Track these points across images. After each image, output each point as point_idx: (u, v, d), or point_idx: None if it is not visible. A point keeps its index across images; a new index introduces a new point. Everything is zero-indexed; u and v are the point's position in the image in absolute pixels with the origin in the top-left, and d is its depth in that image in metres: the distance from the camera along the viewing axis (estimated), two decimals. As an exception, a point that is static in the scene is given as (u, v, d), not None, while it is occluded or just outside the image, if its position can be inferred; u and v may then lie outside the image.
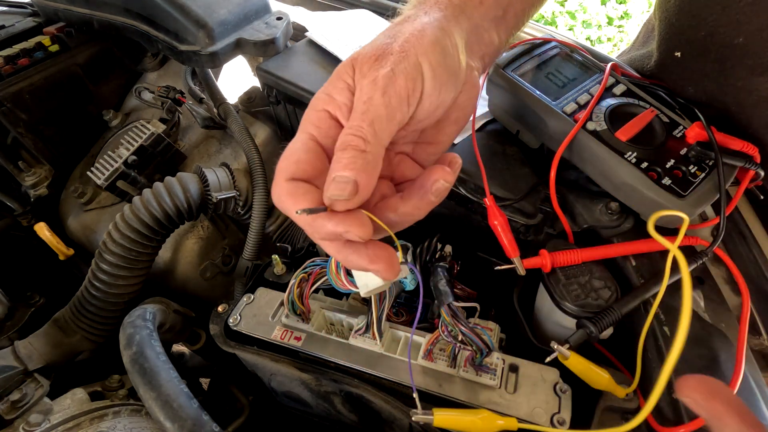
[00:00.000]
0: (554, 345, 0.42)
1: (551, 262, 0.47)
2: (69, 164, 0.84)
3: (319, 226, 0.32)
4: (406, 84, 0.33)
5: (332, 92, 0.35)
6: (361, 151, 0.32)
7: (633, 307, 0.45)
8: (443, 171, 0.36)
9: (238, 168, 0.71)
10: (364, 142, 0.32)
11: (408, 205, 0.36)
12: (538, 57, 0.57)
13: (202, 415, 0.45)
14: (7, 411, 0.50)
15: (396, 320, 0.53)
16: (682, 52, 0.53)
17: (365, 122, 0.32)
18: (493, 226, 0.50)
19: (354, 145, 0.32)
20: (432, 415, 0.41)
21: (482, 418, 0.41)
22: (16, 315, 0.65)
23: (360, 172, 0.31)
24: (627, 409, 0.43)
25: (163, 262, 0.73)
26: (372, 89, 0.33)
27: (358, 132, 0.32)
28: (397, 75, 0.33)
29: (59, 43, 0.78)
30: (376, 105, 0.33)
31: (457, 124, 0.41)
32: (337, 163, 0.32)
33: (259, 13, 0.73)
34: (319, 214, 0.32)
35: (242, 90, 0.80)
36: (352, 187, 0.31)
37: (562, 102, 0.52)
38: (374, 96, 0.33)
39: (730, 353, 0.43)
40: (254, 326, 0.52)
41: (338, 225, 0.32)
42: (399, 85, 0.33)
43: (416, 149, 0.41)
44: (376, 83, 0.33)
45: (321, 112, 0.35)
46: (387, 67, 0.33)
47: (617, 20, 3.63)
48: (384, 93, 0.33)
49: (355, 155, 0.32)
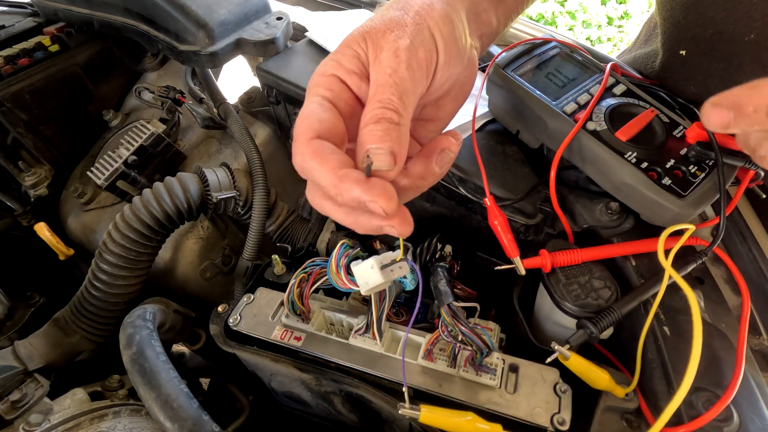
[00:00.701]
0: (554, 345, 0.42)
1: (551, 262, 0.48)
2: (69, 164, 0.84)
3: (345, 189, 0.31)
4: (425, 56, 0.34)
5: (341, 59, 0.35)
6: (396, 123, 0.32)
7: (633, 307, 0.45)
8: (449, 141, 0.36)
9: (238, 168, 0.71)
10: (398, 114, 0.32)
11: (412, 176, 0.36)
12: (538, 57, 0.57)
13: (202, 415, 0.45)
14: (7, 411, 0.50)
15: (396, 320, 0.53)
16: (687, 50, 0.53)
17: (395, 95, 0.32)
18: (493, 226, 0.50)
19: (388, 117, 0.32)
20: (419, 410, 0.41)
21: (467, 420, 0.41)
22: (16, 315, 0.65)
23: (395, 143, 0.32)
24: (627, 409, 0.43)
25: (163, 262, 0.73)
26: (395, 62, 0.33)
27: (389, 105, 0.32)
28: (417, 47, 0.33)
29: (59, 43, 0.78)
30: (402, 78, 0.33)
31: (456, 101, 0.41)
32: (371, 135, 0.32)
33: (259, 13, 0.73)
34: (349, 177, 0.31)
35: (242, 90, 0.80)
36: (391, 158, 0.31)
37: (562, 102, 0.52)
38: (399, 69, 0.33)
39: (731, 353, 0.43)
40: (254, 326, 0.52)
41: (365, 193, 0.31)
42: (420, 57, 0.33)
43: (416, 126, 0.41)
44: (398, 55, 0.33)
45: (331, 77, 0.35)
46: (406, 39, 0.33)
47: (617, 20, 3.63)
48: (408, 66, 0.33)
49: (390, 128, 0.32)
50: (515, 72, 0.55)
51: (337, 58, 0.35)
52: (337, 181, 0.31)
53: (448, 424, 0.42)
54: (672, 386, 0.41)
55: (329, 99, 0.34)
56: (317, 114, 0.33)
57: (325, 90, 0.34)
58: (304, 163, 0.32)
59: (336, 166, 0.31)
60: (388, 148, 0.31)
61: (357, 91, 0.35)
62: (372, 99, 0.33)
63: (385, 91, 0.32)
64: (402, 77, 0.33)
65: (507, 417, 0.44)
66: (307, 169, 0.32)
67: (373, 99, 0.33)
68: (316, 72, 0.35)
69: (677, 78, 0.57)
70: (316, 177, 0.32)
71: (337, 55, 0.35)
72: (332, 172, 0.31)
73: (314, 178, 0.32)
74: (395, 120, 0.32)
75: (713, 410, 0.38)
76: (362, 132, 0.32)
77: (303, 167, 0.32)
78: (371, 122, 0.32)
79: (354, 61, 0.34)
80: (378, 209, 0.31)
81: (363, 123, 0.33)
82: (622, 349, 0.50)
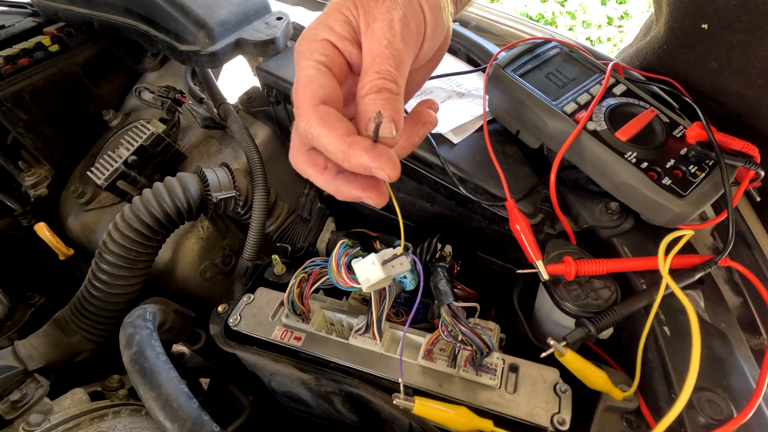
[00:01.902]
0: (550, 341, 0.42)
1: (576, 270, 0.45)
2: (69, 164, 0.84)
3: (354, 155, 0.32)
4: (416, 28, 0.35)
5: (331, 24, 0.35)
6: (395, 93, 0.33)
7: (633, 311, 0.45)
8: (429, 115, 0.39)
9: (238, 168, 0.71)
10: (396, 85, 0.33)
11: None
12: (538, 57, 0.57)
13: (202, 415, 0.45)
14: (7, 411, 0.50)
15: (396, 320, 0.53)
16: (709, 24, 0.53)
17: (393, 66, 0.33)
18: (514, 230, 0.49)
19: (388, 88, 0.33)
20: (413, 402, 0.42)
21: (458, 413, 0.42)
22: (16, 315, 0.65)
23: (396, 112, 0.33)
24: (627, 410, 0.43)
25: (163, 262, 0.73)
26: (390, 33, 0.34)
27: (388, 76, 0.33)
28: (410, 19, 0.34)
29: (59, 43, 0.78)
30: (398, 50, 0.34)
31: (429, 69, 0.42)
32: (373, 104, 0.32)
33: (259, 13, 0.73)
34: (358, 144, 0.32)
35: (242, 90, 0.80)
36: (394, 127, 0.32)
37: (562, 102, 0.52)
38: (395, 41, 0.34)
39: (730, 353, 0.43)
40: (254, 326, 0.52)
41: (373, 160, 0.32)
42: (412, 29, 0.34)
43: None
44: (393, 27, 0.34)
45: (323, 42, 0.35)
46: (399, 10, 0.34)
47: (617, 20, 3.63)
48: (403, 38, 0.34)
49: (391, 97, 0.33)
50: (515, 72, 0.55)
51: (328, 23, 0.35)
52: (346, 147, 0.32)
53: (440, 416, 0.42)
54: (672, 386, 0.41)
55: (325, 64, 0.35)
56: (319, 79, 0.34)
57: (320, 55, 0.35)
58: (309, 129, 0.33)
59: (344, 133, 0.32)
60: (390, 117, 0.32)
61: (348, 57, 0.36)
62: (369, 70, 0.34)
63: (384, 63, 0.33)
64: (398, 49, 0.34)
65: (507, 417, 0.44)
66: (313, 135, 0.33)
67: (370, 70, 0.34)
68: (307, 35, 0.36)
69: (697, 54, 0.56)
70: (323, 143, 0.33)
71: (328, 19, 0.35)
72: (341, 139, 0.32)
73: (321, 143, 0.33)
74: (395, 90, 0.33)
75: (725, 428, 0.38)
76: (364, 101, 0.33)
77: (308, 133, 0.33)
78: (372, 92, 0.33)
79: (345, 26, 0.35)
80: (384, 176, 0.32)
81: (363, 92, 0.33)
82: (622, 349, 0.50)
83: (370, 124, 0.32)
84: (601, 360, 0.49)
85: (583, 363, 0.43)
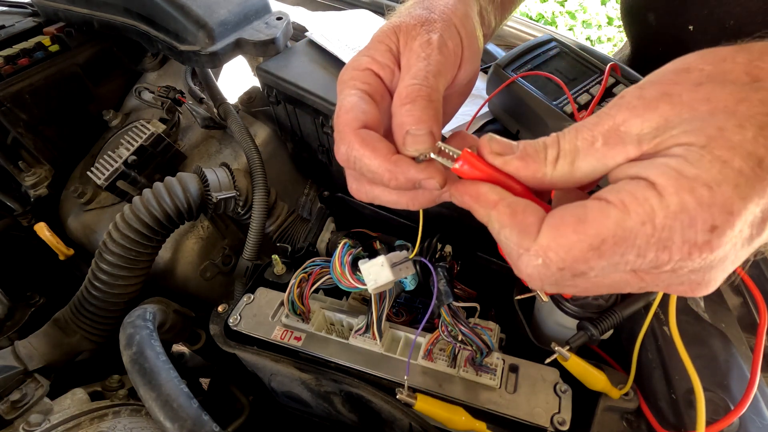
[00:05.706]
0: (554, 346, 0.42)
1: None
2: (69, 164, 0.84)
3: (401, 172, 0.32)
4: (454, 49, 0.35)
5: (374, 54, 0.35)
6: (431, 101, 0.33)
7: (634, 311, 0.45)
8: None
9: (238, 168, 0.71)
10: (433, 92, 0.33)
11: None
12: (538, 57, 0.57)
13: (202, 415, 0.45)
14: (7, 411, 0.50)
15: (396, 320, 0.53)
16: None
17: (430, 74, 0.33)
18: None
19: (424, 95, 0.32)
20: (416, 399, 0.43)
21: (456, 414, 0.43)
22: (16, 315, 0.65)
23: (433, 122, 0.32)
24: (627, 409, 0.43)
25: (163, 262, 0.73)
26: (428, 48, 0.34)
27: (425, 82, 0.33)
28: (447, 39, 0.35)
29: (59, 43, 0.78)
30: (435, 61, 0.34)
31: (462, 96, 0.42)
32: (409, 115, 0.32)
33: (259, 13, 0.73)
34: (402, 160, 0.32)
35: (242, 90, 0.80)
36: (432, 138, 0.32)
37: (562, 102, 0.52)
38: (432, 54, 0.34)
39: (730, 353, 0.43)
40: (254, 326, 0.52)
41: (421, 173, 0.32)
42: (450, 48, 0.35)
43: None
44: (431, 43, 0.34)
45: (366, 71, 0.35)
46: (436, 32, 0.35)
47: (617, 20, 3.63)
48: (440, 52, 0.34)
49: (427, 105, 0.32)
50: (515, 72, 0.55)
51: (370, 54, 0.36)
52: (392, 166, 0.32)
53: (439, 415, 0.43)
54: (672, 386, 0.41)
55: (368, 92, 0.35)
56: (360, 106, 0.34)
57: (362, 84, 0.35)
58: (351, 152, 0.33)
59: (387, 153, 0.32)
60: (428, 128, 0.32)
61: (389, 84, 0.36)
62: (405, 76, 0.34)
63: (420, 70, 0.33)
64: (436, 59, 0.34)
65: (507, 417, 0.44)
66: (355, 158, 0.33)
67: (406, 76, 0.34)
68: (350, 66, 0.36)
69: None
70: (366, 164, 0.32)
71: (369, 50, 0.36)
72: (386, 159, 0.32)
73: (364, 165, 0.33)
74: (432, 97, 0.33)
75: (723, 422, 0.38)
76: (400, 111, 0.33)
77: (349, 156, 0.33)
78: (407, 102, 0.32)
79: (387, 54, 0.35)
80: (434, 185, 0.32)
81: (399, 102, 0.33)
82: (622, 349, 0.50)
83: (408, 138, 0.32)
84: (601, 360, 0.49)
85: (583, 365, 0.43)
